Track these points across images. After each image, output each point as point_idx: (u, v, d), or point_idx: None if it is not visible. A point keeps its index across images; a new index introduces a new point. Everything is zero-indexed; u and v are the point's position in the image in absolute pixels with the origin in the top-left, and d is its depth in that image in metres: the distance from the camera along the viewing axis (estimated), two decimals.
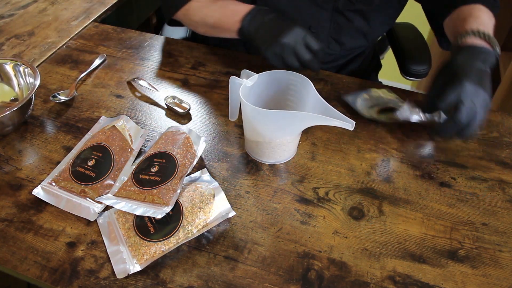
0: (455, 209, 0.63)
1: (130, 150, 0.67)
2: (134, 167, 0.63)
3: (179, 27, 1.11)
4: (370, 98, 0.76)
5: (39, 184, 0.63)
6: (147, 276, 0.54)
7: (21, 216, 0.60)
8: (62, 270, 0.54)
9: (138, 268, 0.54)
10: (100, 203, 0.61)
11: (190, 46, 0.92)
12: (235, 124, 0.75)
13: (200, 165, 0.68)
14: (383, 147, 0.71)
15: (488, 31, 0.66)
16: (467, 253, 0.58)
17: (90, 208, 0.60)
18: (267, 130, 0.63)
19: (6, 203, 0.62)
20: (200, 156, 0.66)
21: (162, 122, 0.75)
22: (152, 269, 0.55)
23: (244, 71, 0.66)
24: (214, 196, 0.59)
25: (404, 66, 1.02)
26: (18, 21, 0.98)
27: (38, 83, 0.71)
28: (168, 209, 0.56)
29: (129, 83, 0.83)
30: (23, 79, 0.75)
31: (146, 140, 0.71)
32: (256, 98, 0.68)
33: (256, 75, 0.65)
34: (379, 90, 0.78)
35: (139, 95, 0.80)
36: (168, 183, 0.59)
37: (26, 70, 0.75)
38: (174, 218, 0.56)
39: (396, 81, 1.99)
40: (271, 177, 0.66)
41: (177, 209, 0.57)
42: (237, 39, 0.90)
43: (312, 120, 0.59)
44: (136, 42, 0.93)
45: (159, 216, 0.55)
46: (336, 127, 0.59)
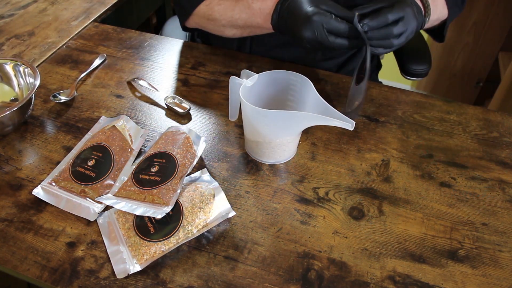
0: (455, 209, 0.63)
1: (130, 150, 0.67)
2: (134, 167, 0.63)
3: (179, 26, 1.11)
4: None
5: (39, 184, 0.63)
6: (147, 276, 0.54)
7: (21, 216, 0.60)
8: (62, 270, 0.54)
9: (138, 268, 0.54)
10: (100, 203, 0.61)
11: (190, 46, 0.92)
12: (235, 124, 0.75)
13: (200, 165, 0.68)
14: (383, 147, 0.71)
15: (432, 5, 0.73)
16: (467, 253, 0.58)
17: (90, 208, 0.60)
18: (267, 130, 0.63)
19: (6, 203, 0.62)
20: (200, 156, 0.66)
21: (162, 122, 0.75)
22: (152, 269, 0.55)
23: (244, 71, 0.66)
24: (214, 196, 0.59)
25: (404, 66, 1.02)
26: (18, 21, 0.98)
27: (38, 83, 0.71)
28: (168, 209, 0.56)
29: (129, 83, 0.83)
30: (23, 79, 0.75)
31: (146, 140, 0.71)
32: (256, 98, 0.68)
33: (256, 75, 0.65)
34: None
35: (139, 95, 0.80)
36: (168, 183, 0.59)
37: (26, 70, 0.75)
38: (174, 218, 0.56)
39: (396, 81, 1.99)
40: (271, 177, 0.66)
41: (177, 209, 0.57)
42: (237, 39, 0.90)
43: (312, 120, 0.59)
44: (136, 42, 0.93)
45: (159, 216, 0.55)
46: (336, 127, 0.59)
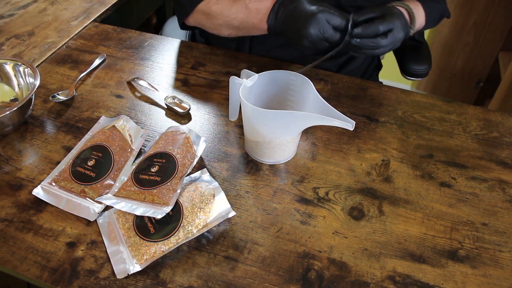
0: (455, 209, 0.63)
1: (130, 150, 0.67)
2: (134, 167, 0.63)
3: (179, 26, 1.11)
4: None
5: (39, 184, 0.63)
6: (147, 276, 0.54)
7: (21, 216, 0.60)
8: (62, 270, 0.54)
9: (138, 268, 0.54)
10: (100, 203, 0.61)
11: (190, 46, 0.92)
12: (235, 124, 0.75)
13: (200, 165, 0.68)
14: (383, 147, 0.71)
15: (415, 12, 0.78)
16: (467, 253, 0.58)
17: (90, 208, 0.60)
18: (267, 130, 0.63)
19: (6, 203, 0.62)
20: (200, 156, 0.66)
21: (162, 122, 0.75)
22: (152, 269, 0.55)
23: (244, 71, 0.66)
24: (214, 196, 0.59)
25: (404, 66, 1.02)
26: (18, 21, 0.98)
27: (38, 83, 0.71)
28: (168, 209, 0.56)
29: (129, 83, 0.83)
30: (23, 79, 0.75)
31: (146, 140, 0.71)
32: (256, 98, 0.68)
33: (256, 75, 0.65)
34: None
35: (139, 95, 0.80)
36: (168, 183, 0.59)
37: (26, 70, 0.75)
38: (174, 218, 0.56)
39: (396, 81, 1.99)
40: (271, 177, 0.66)
41: (177, 209, 0.57)
42: (238, 39, 0.90)
43: (312, 120, 0.59)
44: (136, 42, 0.93)
45: (159, 216, 0.55)
46: (336, 127, 0.59)
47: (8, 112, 0.66)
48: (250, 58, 0.89)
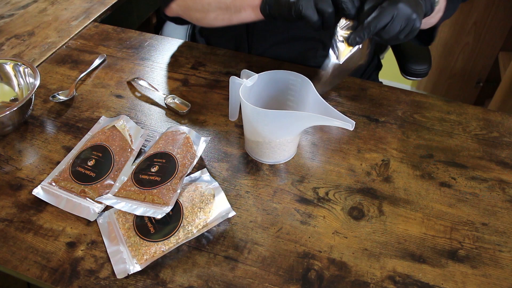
0: (455, 209, 0.63)
1: (130, 150, 0.67)
2: (134, 167, 0.63)
3: (178, 26, 1.11)
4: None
5: (39, 184, 0.63)
6: (147, 276, 0.54)
7: (21, 216, 0.60)
8: (62, 270, 0.54)
9: (138, 268, 0.54)
10: (100, 203, 0.61)
11: (190, 46, 0.92)
12: (235, 124, 0.75)
13: (200, 165, 0.68)
14: (383, 147, 0.71)
15: None
16: (467, 253, 0.58)
17: (90, 208, 0.60)
18: (267, 130, 0.63)
19: (6, 203, 0.62)
20: (200, 156, 0.66)
21: (162, 122, 0.75)
22: (152, 269, 0.55)
23: (244, 71, 0.66)
24: (214, 196, 0.59)
25: (404, 65, 1.02)
26: (18, 21, 0.98)
27: (38, 83, 0.71)
28: (168, 209, 0.56)
29: (129, 83, 0.83)
30: (23, 79, 0.75)
31: (146, 140, 0.71)
32: (256, 98, 0.68)
33: (256, 75, 0.65)
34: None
35: (139, 95, 0.80)
36: (168, 183, 0.59)
37: (26, 70, 0.75)
38: (174, 218, 0.56)
39: (396, 81, 1.99)
40: (271, 177, 0.66)
41: (177, 209, 0.57)
42: (237, 38, 0.90)
43: (312, 120, 0.59)
44: (136, 42, 0.93)
45: (159, 216, 0.55)
46: (336, 127, 0.59)
47: (8, 112, 0.66)
48: (250, 58, 0.89)
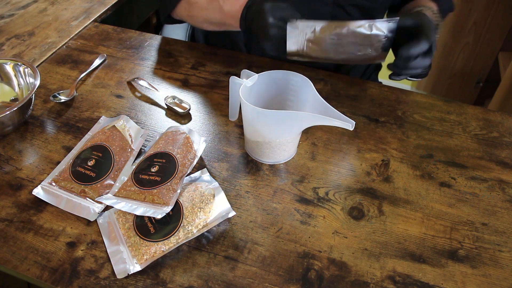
0: (455, 209, 0.63)
1: (130, 150, 0.67)
2: (134, 167, 0.63)
3: (179, 26, 1.11)
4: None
5: (39, 184, 0.63)
6: (147, 276, 0.54)
7: (21, 216, 0.60)
8: (62, 270, 0.54)
9: (138, 268, 0.54)
10: (100, 203, 0.61)
11: (190, 46, 0.92)
12: (235, 124, 0.75)
13: (200, 165, 0.68)
14: (383, 147, 0.71)
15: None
16: (467, 253, 0.58)
17: (90, 208, 0.60)
18: (267, 130, 0.63)
19: (6, 203, 0.62)
20: (200, 156, 0.66)
21: (162, 122, 0.75)
22: (152, 269, 0.55)
23: (244, 71, 0.66)
24: (214, 196, 0.59)
25: None
26: (18, 21, 0.98)
27: (38, 83, 0.71)
28: (168, 209, 0.56)
29: (129, 83, 0.83)
30: (23, 79, 0.75)
31: (146, 140, 0.71)
32: (256, 98, 0.68)
33: (256, 75, 0.65)
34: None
35: (139, 95, 0.80)
36: (168, 183, 0.59)
37: (26, 70, 0.75)
38: (174, 218, 0.56)
39: (396, 81, 1.99)
40: (271, 177, 0.66)
41: (177, 209, 0.57)
42: (234, 37, 0.90)
43: (312, 120, 0.59)
44: (136, 42, 0.93)
45: (159, 216, 0.55)
46: (336, 127, 0.59)
47: (8, 112, 0.66)
48: (250, 58, 0.89)
